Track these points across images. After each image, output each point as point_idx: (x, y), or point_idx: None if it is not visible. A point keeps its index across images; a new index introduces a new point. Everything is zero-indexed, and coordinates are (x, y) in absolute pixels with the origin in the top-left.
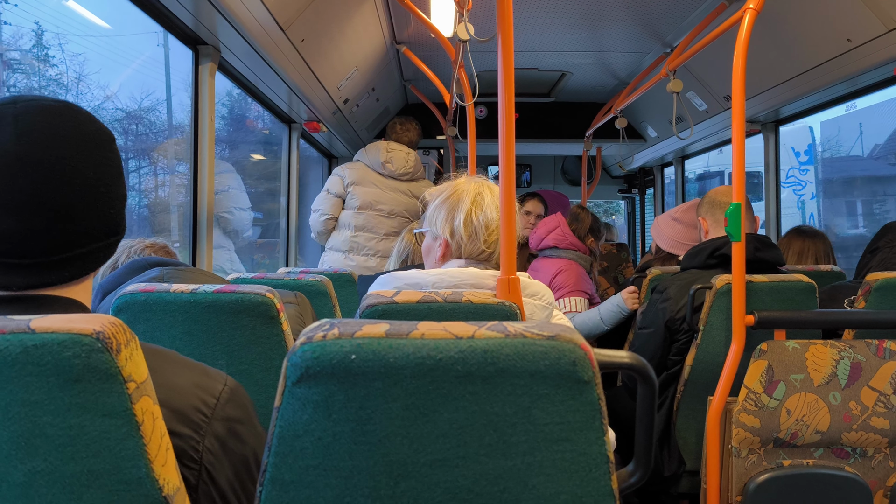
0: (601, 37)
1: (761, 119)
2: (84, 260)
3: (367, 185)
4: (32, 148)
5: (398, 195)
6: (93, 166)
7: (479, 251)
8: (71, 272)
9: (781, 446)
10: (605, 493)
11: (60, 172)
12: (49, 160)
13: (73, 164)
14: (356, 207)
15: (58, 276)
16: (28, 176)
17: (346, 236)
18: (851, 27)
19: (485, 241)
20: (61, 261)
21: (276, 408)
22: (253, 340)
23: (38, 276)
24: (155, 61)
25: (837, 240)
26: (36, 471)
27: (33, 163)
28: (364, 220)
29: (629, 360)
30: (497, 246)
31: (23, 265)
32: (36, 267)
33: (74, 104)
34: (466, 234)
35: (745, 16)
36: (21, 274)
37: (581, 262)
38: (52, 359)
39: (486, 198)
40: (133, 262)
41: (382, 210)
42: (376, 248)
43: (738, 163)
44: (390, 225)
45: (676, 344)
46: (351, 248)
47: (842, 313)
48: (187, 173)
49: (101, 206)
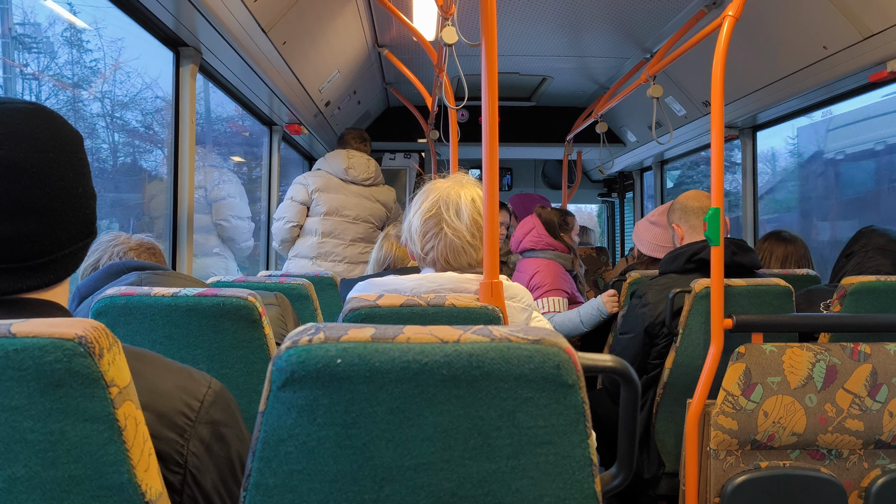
0: (582, 42)
1: (739, 124)
2: (65, 262)
3: (332, 192)
4: (16, 153)
5: (362, 200)
6: (71, 168)
7: (420, 257)
8: (55, 275)
9: (759, 448)
10: (588, 496)
11: (46, 176)
12: (35, 165)
13: (56, 167)
14: (322, 213)
15: (43, 280)
16: (16, 181)
17: (312, 242)
18: (827, 35)
19: (422, 248)
20: (46, 263)
21: (261, 412)
22: (234, 344)
23: (23, 280)
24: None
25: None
26: (16, 477)
27: (20, 168)
28: (331, 226)
29: (612, 363)
30: (436, 251)
31: (9, 269)
32: (22, 271)
33: (46, 106)
34: (410, 241)
35: (725, 22)
36: (7, 279)
37: (560, 261)
38: (32, 363)
39: (428, 196)
40: (111, 267)
41: (348, 216)
42: (343, 253)
43: (717, 167)
44: (356, 231)
45: (656, 348)
46: (318, 255)
47: (818, 317)
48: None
49: (80, 208)
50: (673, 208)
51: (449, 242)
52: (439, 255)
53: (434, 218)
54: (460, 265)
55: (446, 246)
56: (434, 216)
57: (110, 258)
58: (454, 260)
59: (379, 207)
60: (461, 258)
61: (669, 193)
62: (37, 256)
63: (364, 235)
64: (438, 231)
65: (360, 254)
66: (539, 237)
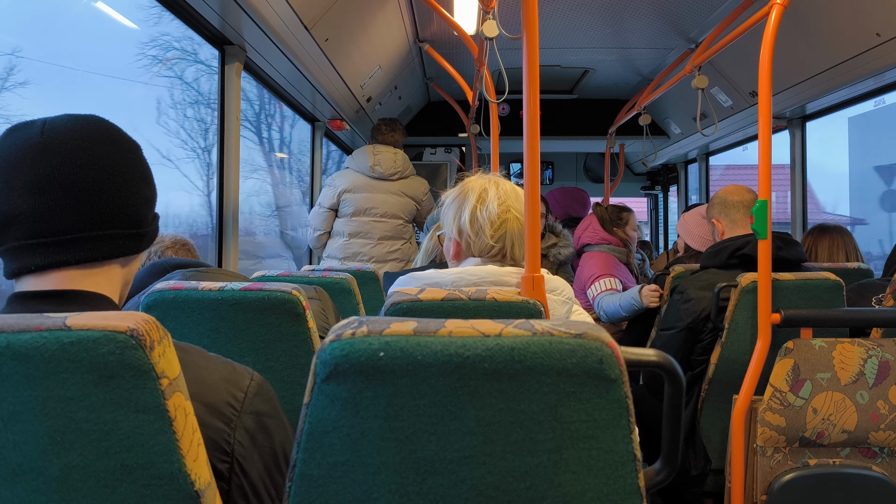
0: (625, 33)
1: (787, 115)
2: (98, 243)
3: (359, 191)
4: (54, 139)
5: (389, 196)
6: (109, 158)
7: (489, 247)
8: (85, 253)
9: (807, 445)
10: (631, 491)
11: (76, 157)
12: (67, 148)
13: (91, 153)
14: (349, 214)
15: (72, 256)
16: (47, 161)
17: (340, 243)
18: (880, 21)
19: (491, 237)
20: (76, 240)
21: (306, 404)
22: (279, 338)
23: (52, 255)
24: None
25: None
26: (71, 465)
27: (52, 149)
28: (357, 226)
29: (656, 358)
30: (505, 241)
31: (39, 245)
32: (51, 246)
33: (102, 118)
34: (473, 230)
35: (773, 11)
36: (37, 254)
37: (615, 254)
38: (87, 356)
39: (491, 192)
40: (154, 265)
41: (376, 213)
42: (370, 253)
43: (765, 159)
44: (384, 229)
45: (701, 343)
46: (346, 256)
47: (870, 311)
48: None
49: (117, 194)
50: (712, 203)
51: (518, 228)
52: (508, 241)
53: (503, 204)
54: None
55: (515, 232)
56: (503, 204)
57: (149, 257)
58: (519, 247)
59: (407, 202)
60: (521, 246)
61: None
62: (64, 232)
63: (393, 233)
64: (508, 216)
65: (388, 252)
66: (595, 232)
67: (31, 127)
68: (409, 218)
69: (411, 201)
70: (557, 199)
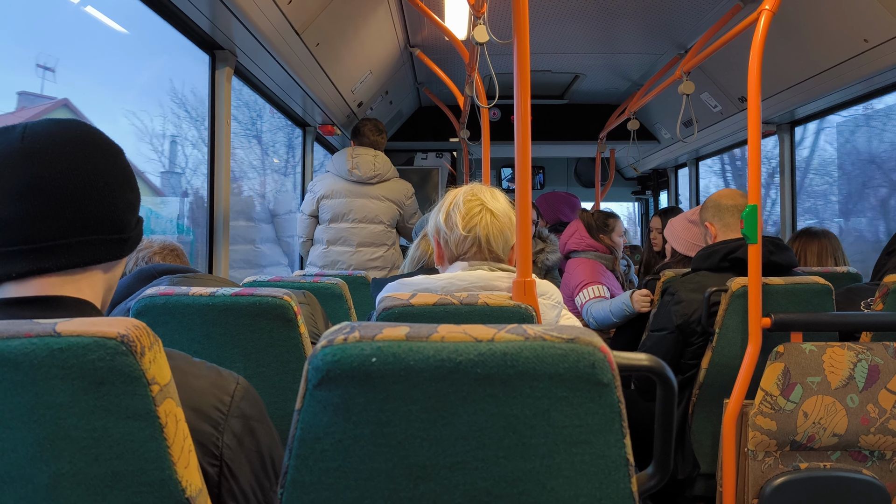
0: (615, 39)
1: (776, 120)
2: (81, 249)
3: (336, 197)
4: (34, 145)
5: (368, 201)
6: (91, 163)
7: (461, 238)
8: (67, 260)
9: (798, 449)
10: (624, 496)
11: (57, 163)
12: (48, 153)
13: (71, 157)
14: (327, 220)
15: (54, 263)
16: (27, 167)
17: (319, 251)
18: (868, 27)
19: (462, 227)
20: (58, 247)
21: (297, 410)
22: (270, 343)
23: (34, 262)
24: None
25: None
26: (61, 473)
27: (32, 155)
28: (335, 233)
29: (648, 362)
30: (478, 232)
31: (21, 252)
32: (32, 253)
33: (83, 122)
34: (447, 226)
35: (761, 17)
36: (19, 261)
37: (601, 261)
38: (77, 362)
39: (464, 191)
40: (141, 271)
41: (354, 219)
42: (349, 261)
43: (755, 164)
44: (363, 235)
45: (691, 348)
46: (325, 264)
47: (859, 315)
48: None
49: (99, 199)
50: (706, 206)
51: (492, 221)
52: (482, 231)
53: (475, 199)
54: (498, 249)
55: (489, 224)
56: (474, 199)
57: (136, 263)
58: (495, 240)
59: (389, 206)
60: (498, 241)
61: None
62: (48, 238)
63: (373, 239)
64: (481, 209)
65: (368, 260)
66: (581, 239)
67: (10, 132)
68: (391, 223)
69: (393, 205)
70: (548, 202)
